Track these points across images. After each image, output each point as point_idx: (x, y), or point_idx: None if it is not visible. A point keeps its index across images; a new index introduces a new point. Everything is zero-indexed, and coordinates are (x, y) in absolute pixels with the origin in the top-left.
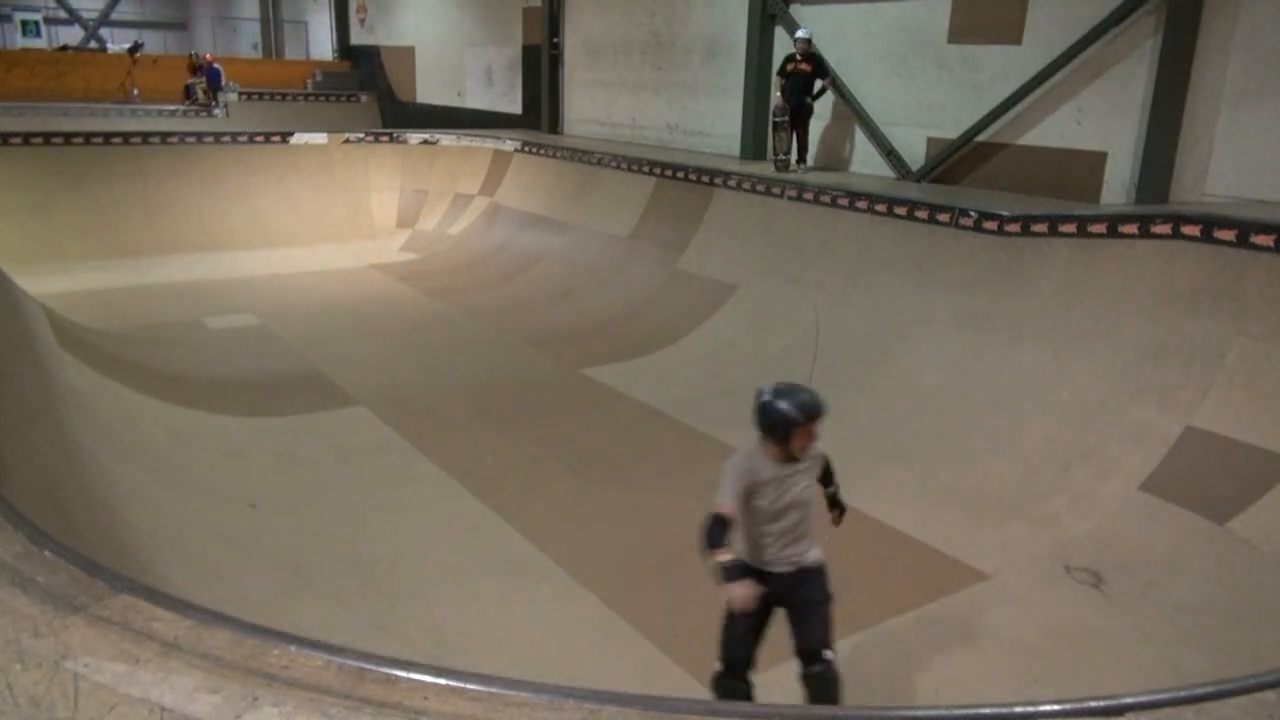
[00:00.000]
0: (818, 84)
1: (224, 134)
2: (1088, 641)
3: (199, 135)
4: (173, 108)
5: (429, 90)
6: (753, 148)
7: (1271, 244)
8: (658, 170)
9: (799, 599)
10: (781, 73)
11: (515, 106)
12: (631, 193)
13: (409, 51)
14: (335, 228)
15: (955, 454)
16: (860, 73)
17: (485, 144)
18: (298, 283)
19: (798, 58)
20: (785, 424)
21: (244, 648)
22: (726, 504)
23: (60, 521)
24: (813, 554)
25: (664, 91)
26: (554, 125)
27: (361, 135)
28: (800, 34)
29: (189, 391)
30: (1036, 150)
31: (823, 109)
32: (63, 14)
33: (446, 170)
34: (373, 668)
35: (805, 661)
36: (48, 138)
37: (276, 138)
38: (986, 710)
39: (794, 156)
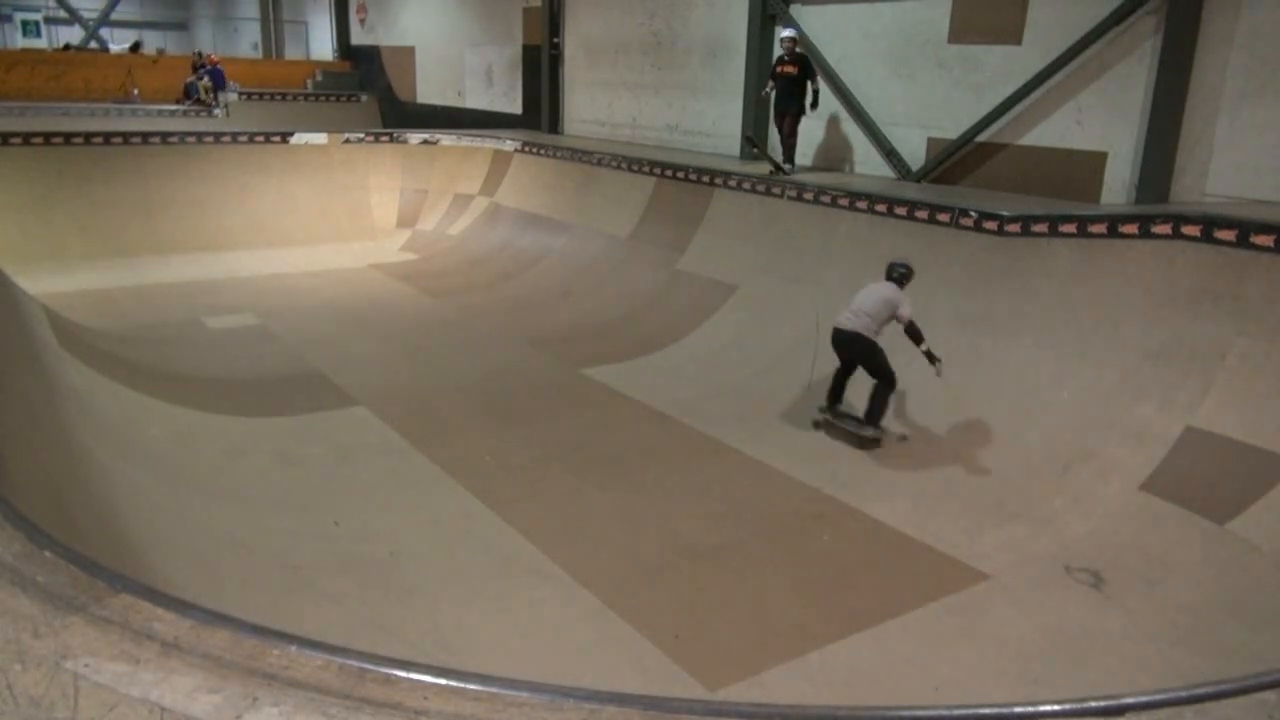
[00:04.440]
0: (810, 92)
1: (224, 134)
2: (1088, 641)
3: (199, 135)
4: (173, 108)
5: (429, 90)
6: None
7: (1271, 244)
8: (658, 170)
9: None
10: (772, 75)
11: (515, 106)
12: (631, 193)
13: (409, 51)
14: (335, 228)
15: (955, 454)
16: (860, 73)
17: (485, 144)
18: (298, 283)
19: (786, 59)
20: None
21: (244, 648)
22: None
23: (60, 521)
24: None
25: (664, 91)
26: (554, 125)
27: (361, 135)
28: (785, 34)
29: (189, 391)
30: (1036, 150)
31: (823, 109)
32: (63, 14)
33: (446, 170)
34: (373, 668)
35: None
36: (48, 138)
37: (276, 138)
38: (986, 710)
39: (780, 158)
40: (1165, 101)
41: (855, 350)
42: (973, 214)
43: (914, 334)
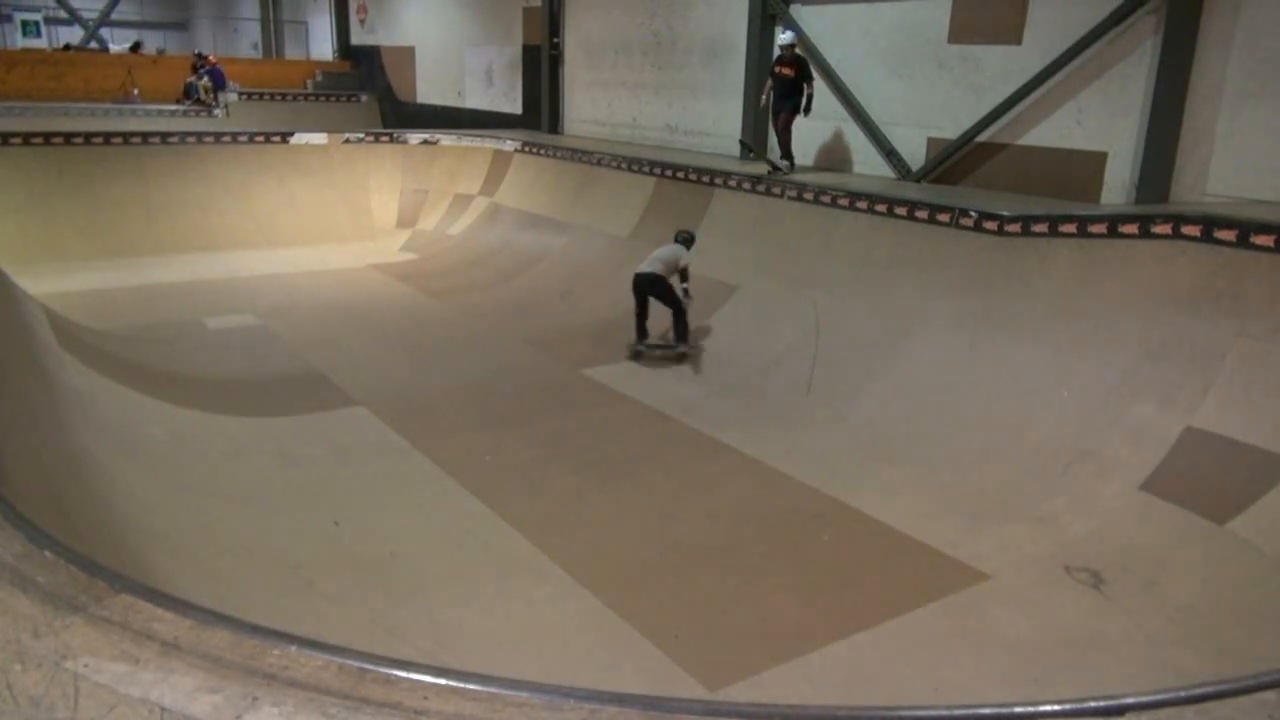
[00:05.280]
0: (805, 94)
1: (224, 134)
2: (1088, 641)
3: (199, 135)
4: (173, 108)
5: (429, 90)
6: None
7: (1271, 244)
8: (658, 170)
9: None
10: (770, 74)
11: (515, 106)
12: (631, 193)
13: (409, 51)
14: (335, 228)
15: (955, 454)
16: (860, 73)
17: (485, 144)
18: (298, 283)
19: (784, 59)
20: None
21: (244, 648)
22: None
23: (60, 521)
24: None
25: (664, 91)
26: (554, 125)
27: (361, 135)
28: (782, 39)
29: (189, 391)
30: (1036, 150)
31: (823, 109)
32: (63, 14)
33: (446, 170)
34: (373, 668)
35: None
36: (48, 138)
37: (276, 138)
38: (986, 710)
39: (778, 156)
40: (1165, 101)
41: (653, 288)
42: (973, 214)
43: (685, 275)
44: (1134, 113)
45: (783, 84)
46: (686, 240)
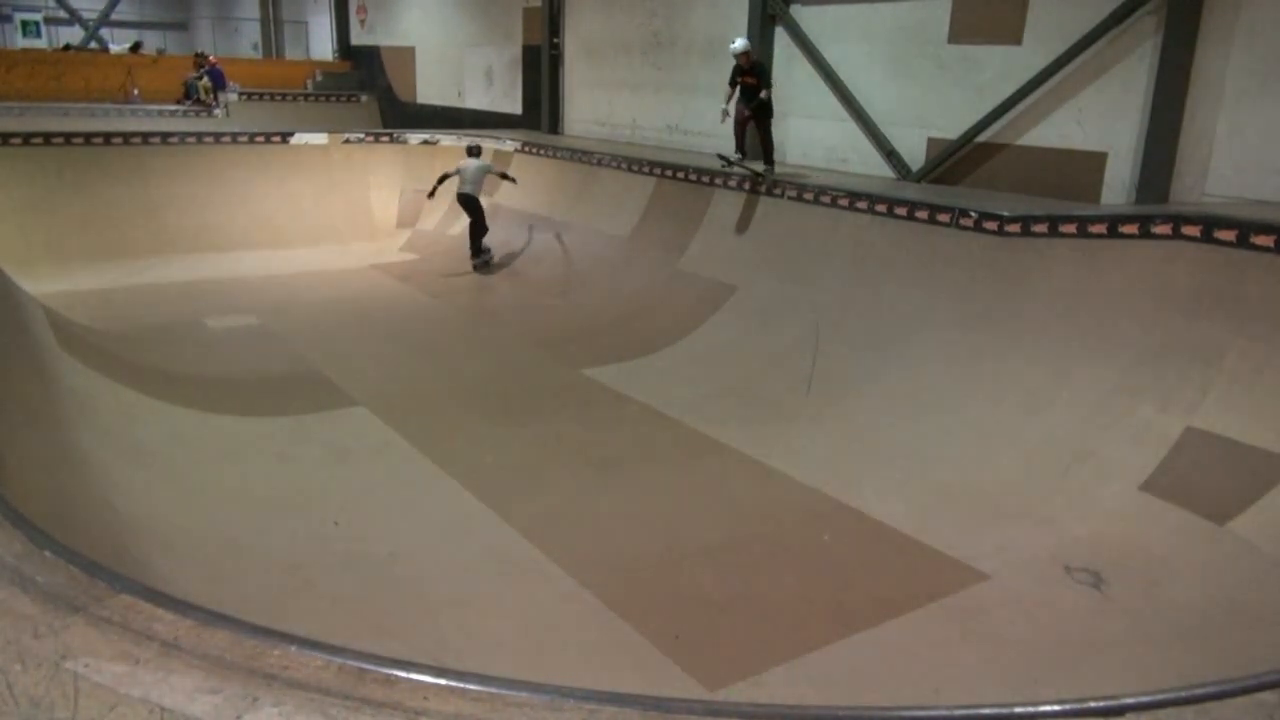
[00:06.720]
0: (764, 97)
1: (224, 134)
2: (1088, 641)
3: (199, 135)
4: (173, 108)
5: (429, 90)
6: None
7: (1271, 244)
8: (658, 170)
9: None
10: (732, 83)
11: (515, 106)
12: (631, 193)
13: (409, 51)
14: (335, 228)
15: (955, 454)
16: (860, 73)
17: (485, 144)
18: (298, 283)
19: (744, 69)
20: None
21: (244, 648)
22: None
23: (60, 521)
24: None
25: (664, 91)
26: (554, 125)
27: (361, 135)
28: (735, 47)
29: (189, 391)
30: (1036, 150)
31: (823, 109)
32: (63, 14)
33: (447, 170)
34: (373, 668)
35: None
36: (48, 138)
37: (276, 138)
38: (986, 710)
39: (761, 161)
40: (1165, 101)
41: (474, 207)
42: (973, 214)
43: (504, 175)
44: (1134, 113)
45: (747, 92)
46: (476, 151)
